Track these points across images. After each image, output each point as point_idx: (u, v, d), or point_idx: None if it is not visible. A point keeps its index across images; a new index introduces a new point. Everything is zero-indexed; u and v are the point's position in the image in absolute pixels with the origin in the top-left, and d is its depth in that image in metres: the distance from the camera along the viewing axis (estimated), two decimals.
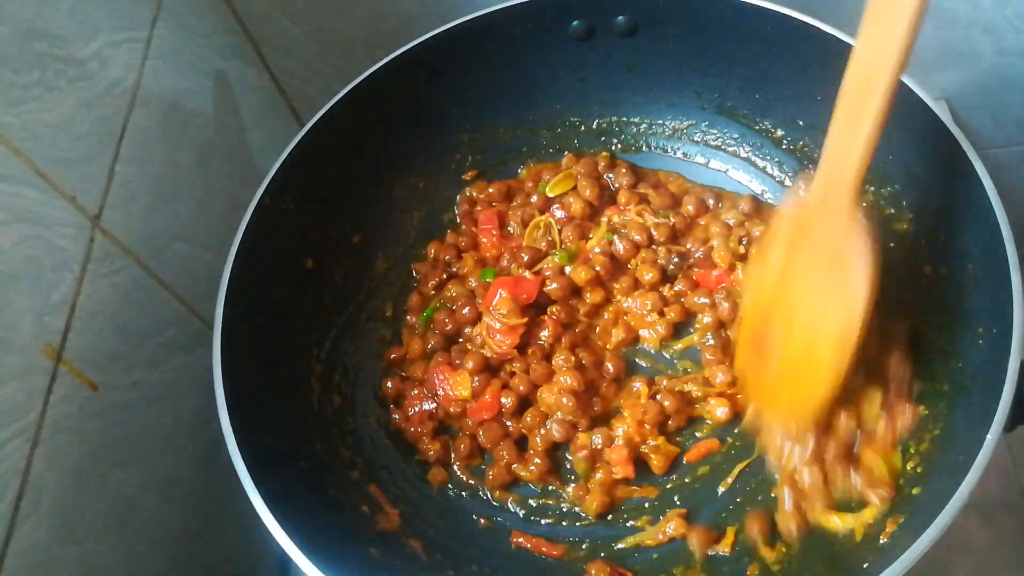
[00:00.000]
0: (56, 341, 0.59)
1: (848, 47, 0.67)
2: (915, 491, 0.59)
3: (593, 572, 0.65)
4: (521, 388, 0.73)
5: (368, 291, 0.81)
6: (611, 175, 0.84)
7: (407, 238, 0.84)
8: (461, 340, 0.77)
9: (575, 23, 0.79)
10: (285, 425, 0.69)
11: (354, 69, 0.76)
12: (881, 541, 0.58)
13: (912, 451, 0.62)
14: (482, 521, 0.71)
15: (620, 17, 0.78)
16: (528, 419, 0.72)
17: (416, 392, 0.75)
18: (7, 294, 0.55)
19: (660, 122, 0.85)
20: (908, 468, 0.61)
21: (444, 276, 0.82)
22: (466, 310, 0.77)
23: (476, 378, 0.73)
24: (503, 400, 0.73)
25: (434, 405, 0.74)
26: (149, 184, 0.71)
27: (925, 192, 0.68)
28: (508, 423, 0.73)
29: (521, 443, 0.73)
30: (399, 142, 0.82)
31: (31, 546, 0.56)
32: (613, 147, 0.86)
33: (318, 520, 0.63)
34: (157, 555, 0.70)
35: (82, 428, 0.61)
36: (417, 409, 0.74)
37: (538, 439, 0.72)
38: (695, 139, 0.84)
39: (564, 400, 0.70)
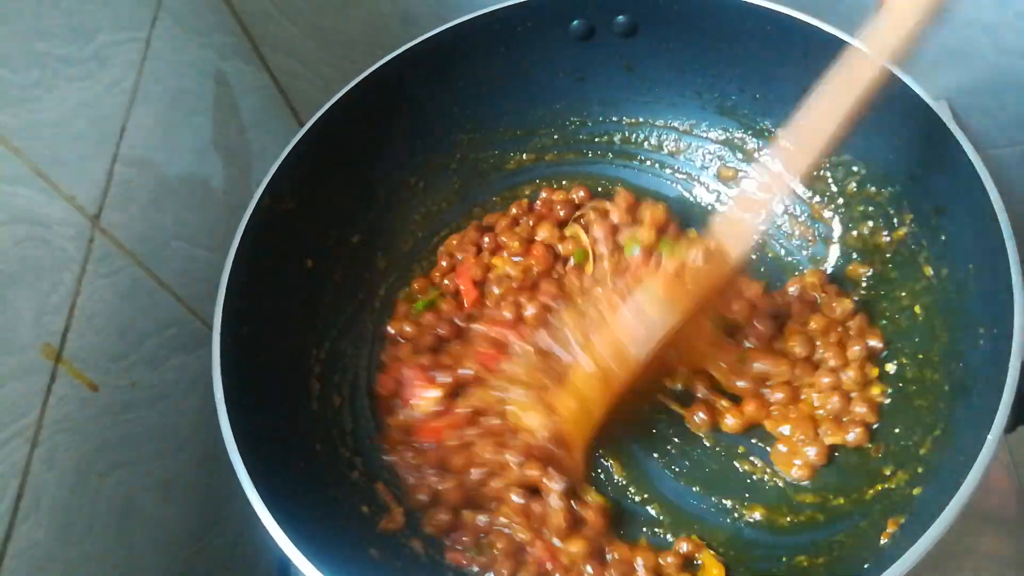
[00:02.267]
0: (56, 341, 0.59)
1: (848, 47, 0.68)
2: (915, 491, 0.59)
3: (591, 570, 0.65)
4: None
5: (368, 291, 0.81)
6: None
7: (407, 238, 0.84)
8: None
9: (575, 23, 0.79)
10: (285, 425, 0.69)
11: (354, 69, 0.76)
12: (881, 542, 0.58)
13: (913, 452, 0.62)
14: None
15: (620, 17, 0.78)
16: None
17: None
18: (6, 294, 0.55)
19: (660, 122, 0.85)
20: (908, 468, 0.62)
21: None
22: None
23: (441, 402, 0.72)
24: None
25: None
26: (149, 184, 0.71)
27: (925, 192, 0.68)
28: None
29: None
30: (399, 142, 0.82)
31: (31, 546, 0.56)
32: (613, 146, 0.86)
33: (318, 520, 0.63)
34: (157, 555, 0.70)
35: (82, 428, 0.61)
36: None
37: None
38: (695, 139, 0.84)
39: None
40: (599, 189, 0.85)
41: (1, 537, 0.54)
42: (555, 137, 0.86)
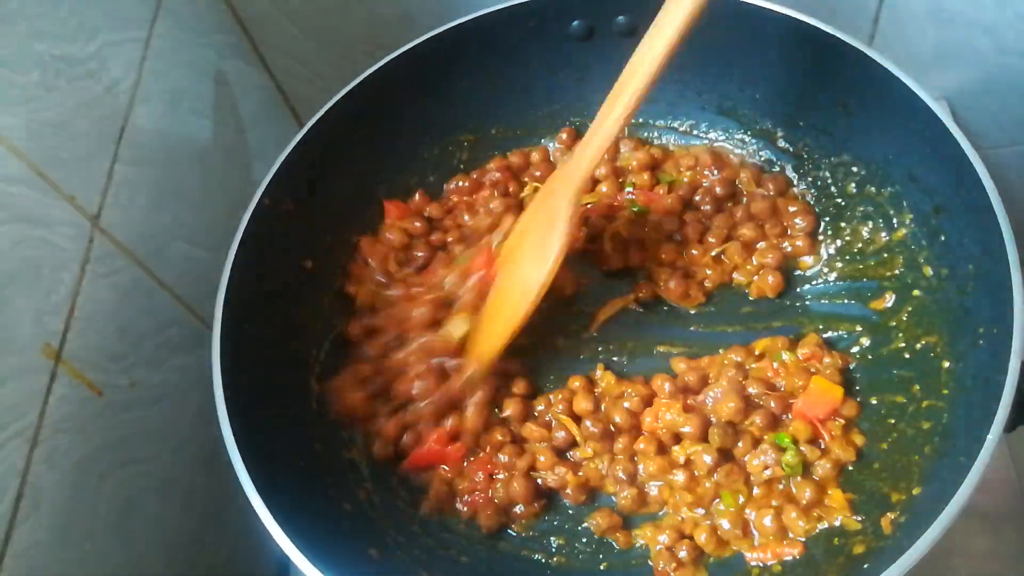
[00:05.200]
0: (55, 341, 0.59)
1: (848, 47, 0.68)
2: (915, 491, 0.59)
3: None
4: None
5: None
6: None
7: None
8: None
9: (575, 23, 0.79)
10: (285, 425, 0.69)
11: (354, 69, 0.76)
12: (881, 541, 0.58)
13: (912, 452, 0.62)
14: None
15: (620, 17, 0.78)
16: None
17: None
18: (6, 294, 0.55)
19: (660, 123, 0.85)
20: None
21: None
22: None
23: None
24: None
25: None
26: (149, 184, 0.71)
27: (925, 192, 0.68)
28: None
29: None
30: (399, 142, 0.82)
31: (31, 546, 0.56)
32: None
33: (318, 520, 0.63)
34: (157, 555, 0.70)
35: (82, 428, 0.61)
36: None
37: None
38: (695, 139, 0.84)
39: None
40: None
41: (1, 537, 0.54)
42: (555, 137, 0.86)
